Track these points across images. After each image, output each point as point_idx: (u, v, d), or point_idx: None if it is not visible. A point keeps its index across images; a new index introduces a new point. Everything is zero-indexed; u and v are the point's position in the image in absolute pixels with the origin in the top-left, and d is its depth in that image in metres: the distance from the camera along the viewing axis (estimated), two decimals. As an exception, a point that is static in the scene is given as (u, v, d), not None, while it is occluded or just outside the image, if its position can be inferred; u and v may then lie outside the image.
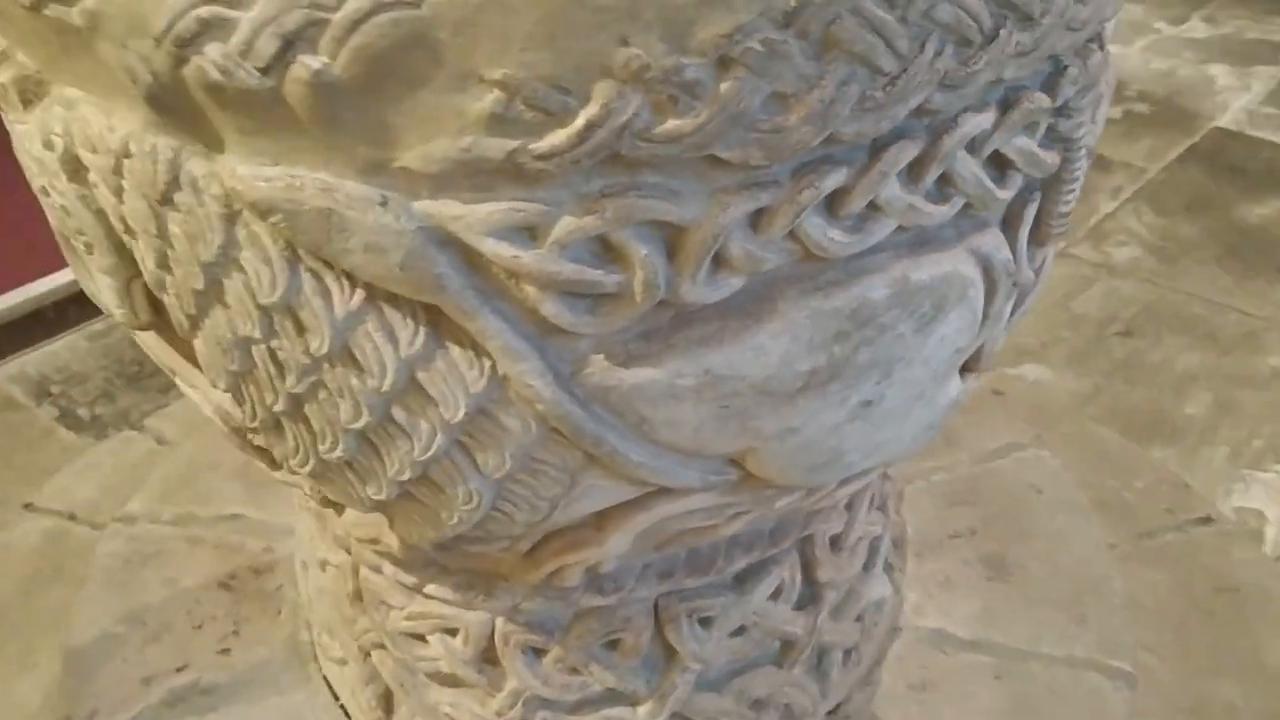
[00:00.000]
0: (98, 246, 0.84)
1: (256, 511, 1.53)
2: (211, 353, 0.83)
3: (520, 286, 0.74)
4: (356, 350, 0.77)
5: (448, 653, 1.14)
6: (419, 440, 0.81)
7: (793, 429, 0.83)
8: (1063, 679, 1.29)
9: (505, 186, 0.70)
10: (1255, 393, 2.21)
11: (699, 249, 0.73)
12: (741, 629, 1.15)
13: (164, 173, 0.75)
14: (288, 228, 0.72)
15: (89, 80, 0.77)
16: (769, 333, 0.78)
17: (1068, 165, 0.86)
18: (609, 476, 0.85)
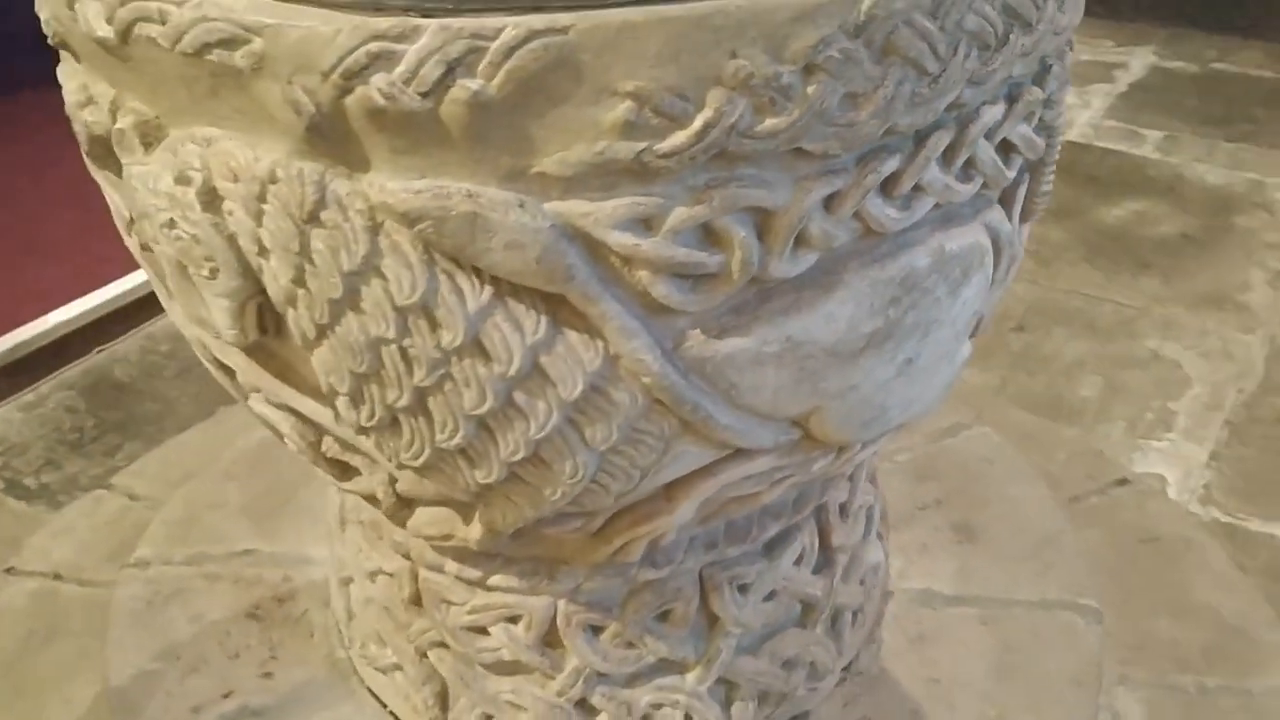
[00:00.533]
0: (224, 270, 0.92)
1: (268, 545, 1.59)
2: (336, 359, 0.92)
3: (634, 272, 0.86)
4: (486, 341, 0.88)
5: (510, 641, 1.23)
6: (535, 420, 0.92)
7: (853, 386, 0.97)
8: (1040, 619, 1.45)
9: (626, 185, 0.82)
10: (1139, 372, 2.44)
11: (786, 229, 0.86)
12: (772, 594, 1.27)
13: (311, 193, 0.84)
14: (434, 233, 0.83)
15: (231, 118, 0.86)
16: (837, 300, 0.91)
17: (1050, 150, 1.02)
18: (698, 442, 0.97)
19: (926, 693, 1.36)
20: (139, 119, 0.93)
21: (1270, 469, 2.18)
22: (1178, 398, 2.36)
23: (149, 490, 1.98)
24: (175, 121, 0.91)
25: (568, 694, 1.25)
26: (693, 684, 1.26)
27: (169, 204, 0.92)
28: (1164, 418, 2.32)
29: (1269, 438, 2.26)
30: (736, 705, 1.29)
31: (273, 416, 1.12)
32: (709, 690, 1.27)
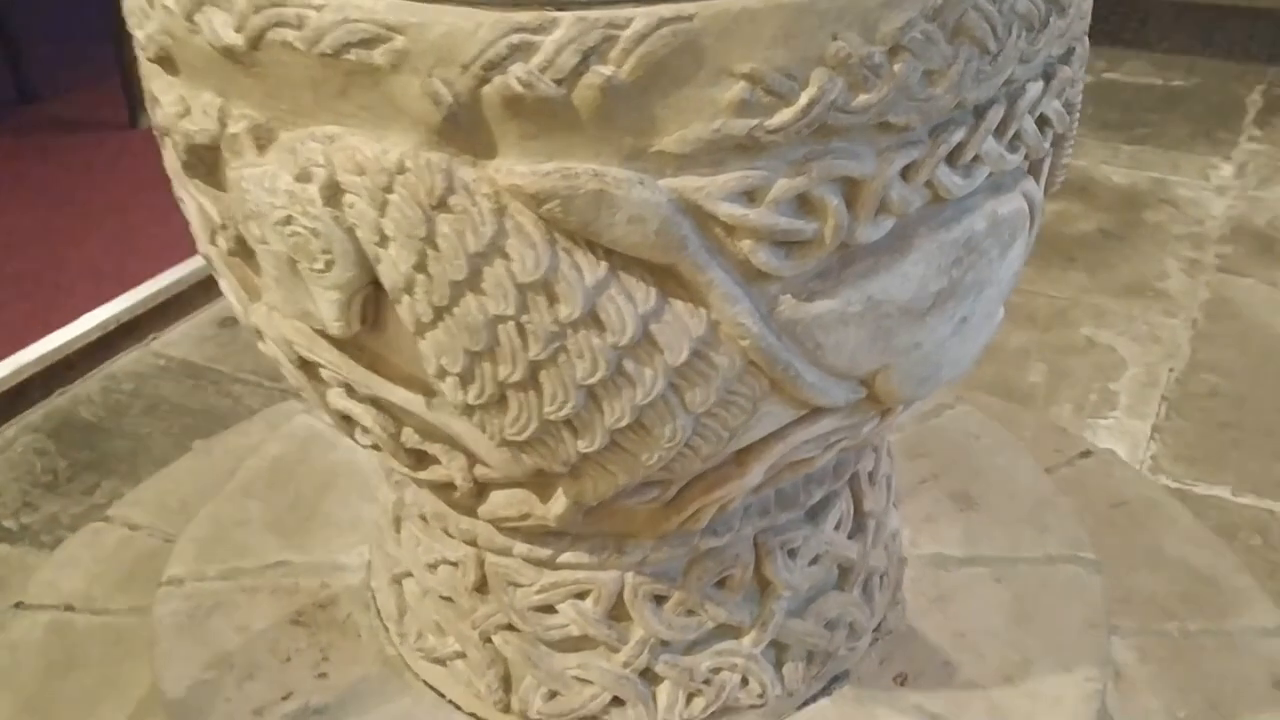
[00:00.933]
0: (340, 261, 0.98)
1: (300, 556, 1.62)
2: (451, 339, 0.98)
3: (736, 242, 0.94)
4: (601, 313, 0.95)
5: (578, 616, 1.29)
6: (642, 386, 0.99)
7: (918, 344, 1.06)
8: (1046, 573, 1.56)
9: (734, 160, 0.91)
10: (1079, 358, 2.60)
11: (871, 197, 0.95)
12: (816, 558, 1.35)
13: (440, 181, 0.91)
14: (561, 211, 0.90)
15: (356, 116, 0.92)
16: (911, 262, 1.01)
17: (1071, 125, 1.13)
18: (782, 402, 1.05)
19: (954, 645, 1.45)
20: (252, 123, 0.99)
21: (1208, 438, 2.35)
22: (1117, 379, 2.53)
23: (148, 519, 1.99)
24: (291, 124, 0.97)
25: (634, 664, 1.31)
26: (748, 647, 1.34)
27: (287, 201, 0.97)
28: (1107, 398, 2.47)
29: (1204, 410, 2.43)
30: (787, 666, 1.37)
31: (354, 410, 1.17)
32: (763, 652, 1.34)
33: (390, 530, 1.42)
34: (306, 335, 1.12)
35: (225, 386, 2.59)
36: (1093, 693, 1.40)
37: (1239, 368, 2.55)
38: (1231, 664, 1.69)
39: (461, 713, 1.41)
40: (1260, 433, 2.36)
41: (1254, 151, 3.46)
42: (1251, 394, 2.47)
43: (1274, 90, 3.82)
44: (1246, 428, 2.38)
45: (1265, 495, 2.20)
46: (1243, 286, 2.84)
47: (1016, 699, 1.39)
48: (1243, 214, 3.14)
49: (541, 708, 1.35)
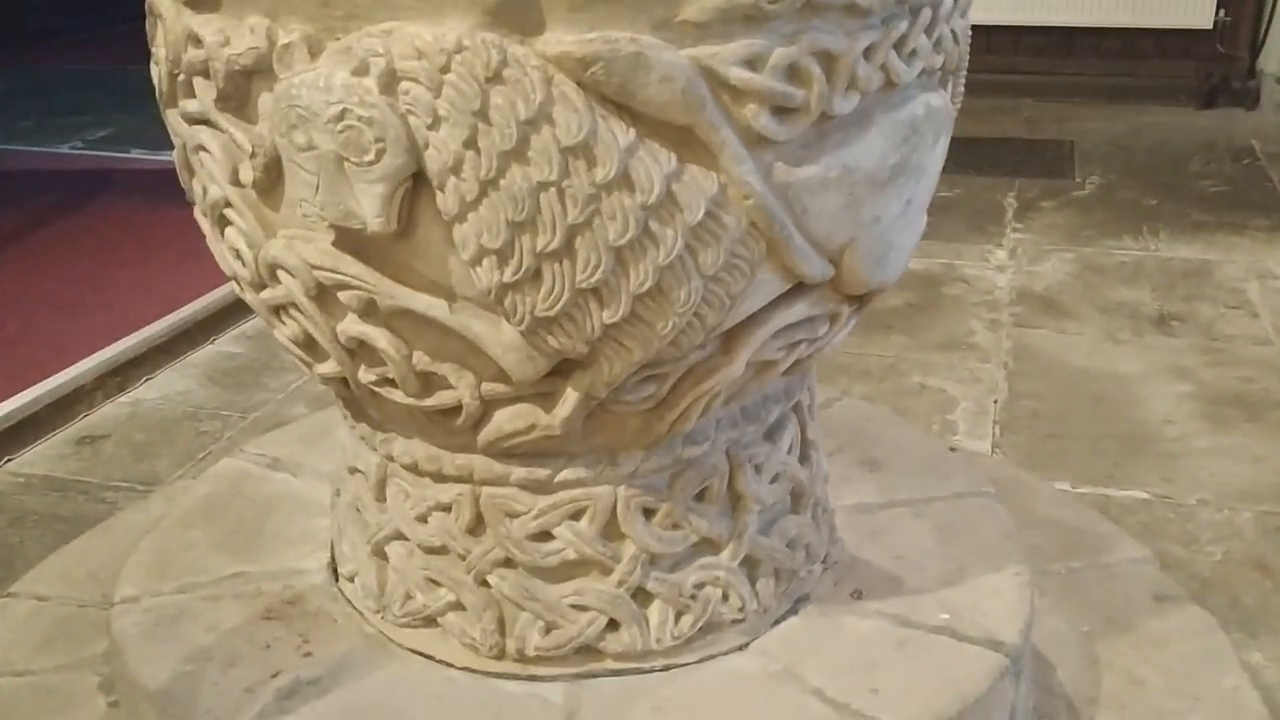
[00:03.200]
0: (392, 149, 1.09)
1: (255, 567, 1.62)
2: (495, 214, 1.10)
3: (741, 108, 1.11)
4: (633, 173, 1.09)
5: (575, 537, 1.37)
6: (664, 245, 1.13)
7: (878, 217, 1.25)
8: (958, 505, 1.73)
9: (740, 32, 1.09)
10: (915, 399, 2.86)
11: (845, 70, 1.15)
12: (776, 476, 1.49)
13: (496, 55, 1.05)
14: (604, 72, 1.05)
15: (413, 8, 1.06)
16: (873, 134, 1.20)
17: (963, 55, 1.37)
18: (774, 269, 1.21)
19: (896, 565, 1.60)
20: (304, 34, 1.10)
21: (1040, 447, 2.63)
22: (952, 412, 2.79)
23: (56, 591, 1.94)
24: (344, 29, 1.09)
25: (627, 582, 1.39)
26: (727, 560, 1.44)
27: (343, 94, 1.08)
28: (948, 426, 2.73)
29: (1031, 427, 2.72)
30: (760, 582, 1.47)
31: (370, 334, 1.25)
32: (739, 567, 1.45)
33: (372, 498, 1.47)
34: (331, 255, 1.21)
35: (96, 494, 2.52)
36: (1024, 583, 1.56)
37: (1050, 393, 2.87)
38: (1115, 587, 1.89)
39: (454, 668, 1.44)
40: (1080, 439, 2.66)
41: (1020, 239, 3.92)
42: (1065, 412, 2.78)
43: (1024, 194, 4.34)
44: (1068, 437, 2.67)
45: (1099, 485, 2.47)
46: (1038, 335, 3.20)
47: (962, 595, 1.53)
48: (1023, 284, 3.55)
49: (540, 643, 1.40)
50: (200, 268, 3.44)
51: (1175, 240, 3.90)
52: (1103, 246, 3.86)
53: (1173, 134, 5.13)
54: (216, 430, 2.81)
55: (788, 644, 1.47)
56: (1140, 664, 1.71)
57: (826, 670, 1.41)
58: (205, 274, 3.32)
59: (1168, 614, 1.82)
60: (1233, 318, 3.31)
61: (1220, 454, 2.60)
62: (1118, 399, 2.85)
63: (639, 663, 1.42)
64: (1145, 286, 3.53)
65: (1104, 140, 5.05)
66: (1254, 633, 1.99)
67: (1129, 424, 2.73)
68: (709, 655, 1.45)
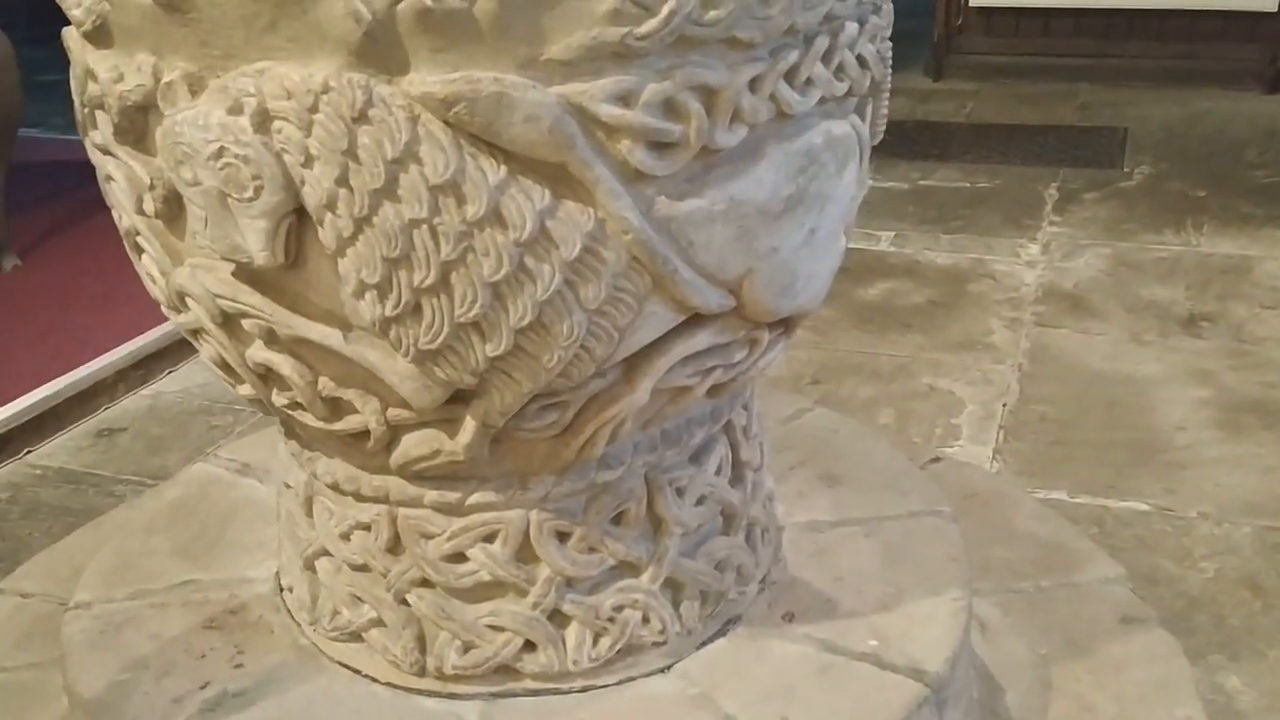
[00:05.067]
0: (269, 186, 1.10)
1: (207, 575, 1.66)
2: (370, 249, 1.11)
3: (616, 143, 1.10)
4: (504, 210, 1.09)
5: (488, 559, 1.38)
6: (541, 281, 1.13)
7: (775, 248, 1.23)
8: (910, 525, 1.70)
9: (611, 68, 1.08)
10: (922, 402, 2.82)
11: (726, 104, 1.13)
12: (702, 498, 1.48)
13: (360, 95, 1.06)
14: (467, 113, 1.05)
15: (283, 49, 1.07)
16: (763, 167, 1.18)
17: (885, 76, 1.34)
18: (663, 300, 1.20)
19: (835, 588, 1.58)
20: (185, 72, 1.12)
21: (1042, 454, 2.58)
22: (958, 415, 2.75)
23: (40, 588, 2.00)
24: (222, 68, 1.11)
25: (542, 604, 1.40)
26: (647, 583, 1.44)
27: (220, 133, 1.10)
28: (951, 430, 2.69)
29: (1036, 433, 2.66)
30: (684, 605, 1.47)
31: (274, 360, 1.27)
32: (660, 590, 1.45)
33: (302, 513, 1.49)
34: (230, 285, 1.24)
35: (108, 488, 2.60)
36: (960, 609, 1.54)
37: (1062, 398, 2.81)
38: (1082, 608, 1.86)
39: (378, 683, 1.46)
40: (1086, 447, 2.60)
41: (1055, 234, 3.83)
42: (1075, 418, 2.72)
43: (1067, 186, 4.24)
44: (1073, 444, 2.61)
45: (1098, 495, 2.41)
46: (1058, 335, 3.13)
47: (894, 621, 1.52)
48: (1051, 280, 3.47)
49: (457, 662, 1.42)
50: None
51: (1219, 235, 3.79)
52: (1141, 241, 3.76)
53: (1232, 120, 4.97)
54: (228, 425, 2.88)
55: (710, 667, 1.47)
56: (1094, 690, 1.67)
57: (743, 696, 1.41)
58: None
59: (1131, 637, 1.78)
60: (1266, 318, 3.20)
61: (1229, 464, 2.52)
62: (1131, 404, 2.79)
63: (557, 683, 1.43)
64: (1180, 284, 3.43)
65: (1159, 127, 4.91)
66: (1235, 655, 1.94)
67: (1139, 431, 2.67)
68: (629, 677, 1.45)
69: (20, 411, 2.76)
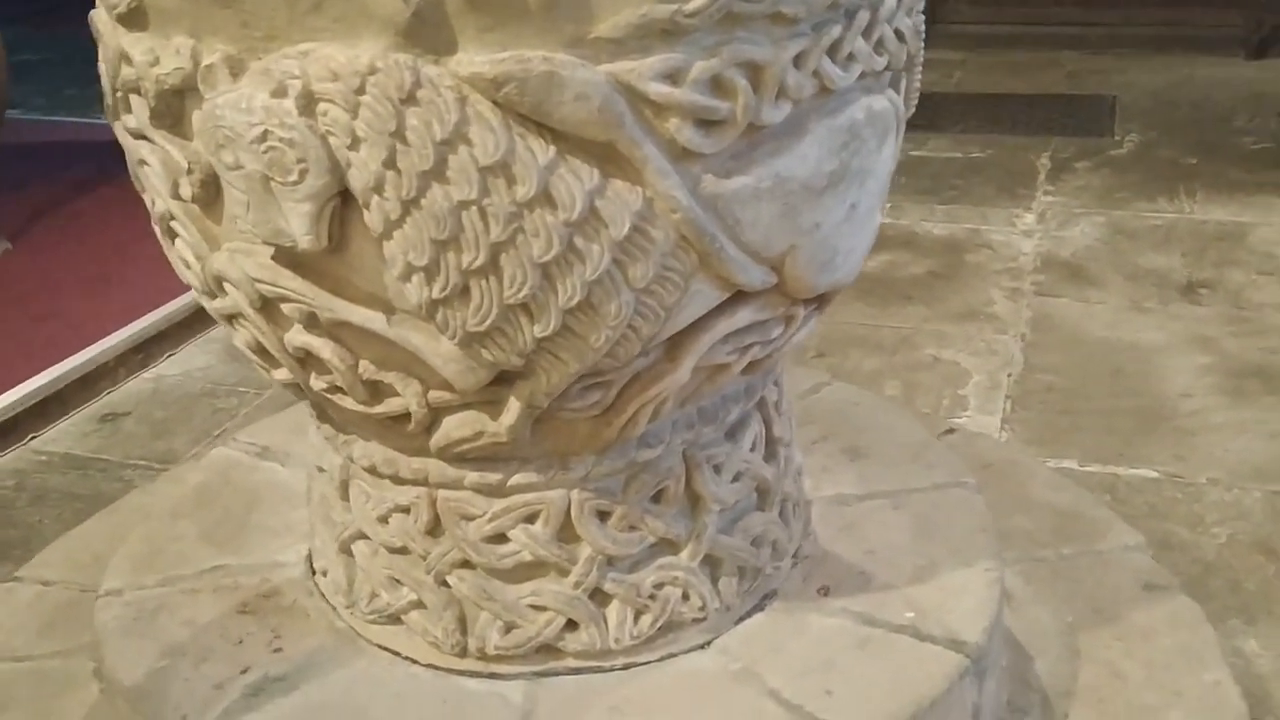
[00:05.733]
0: (314, 169, 1.09)
1: (237, 559, 1.65)
2: (418, 232, 1.10)
3: (665, 121, 1.10)
4: (554, 190, 1.09)
5: (530, 540, 1.38)
6: (591, 261, 1.12)
7: (818, 224, 1.23)
8: (936, 497, 1.71)
9: (659, 46, 1.07)
10: (928, 373, 2.83)
11: (772, 80, 1.13)
12: (738, 475, 1.48)
13: (409, 76, 1.05)
14: (517, 92, 1.05)
15: (328, 30, 1.06)
16: (807, 143, 1.18)
17: (919, 49, 1.34)
18: (708, 279, 1.20)
19: (867, 561, 1.59)
20: (226, 54, 1.11)
21: (1051, 424, 2.59)
22: (964, 386, 2.76)
23: (60, 575, 1.99)
24: (264, 49, 1.09)
25: (584, 583, 1.40)
26: (686, 560, 1.44)
27: (264, 116, 1.08)
28: (958, 401, 2.70)
29: (1043, 402, 2.68)
30: (722, 581, 1.48)
31: (314, 344, 1.27)
32: (699, 567, 1.45)
33: (337, 497, 1.49)
34: (270, 269, 1.23)
35: (115, 473, 2.59)
36: (994, 580, 1.55)
37: (1067, 367, 2.82)
38: (1105, 576, 1.87)
39: (419, 665, 1.46)
40: (1094, 414, 2.62)
41: (1050, 203, 3.84)
42: (1081, 386, 2.74)
43: (1058, 155, 4.25)
44: (1081, 412, 2.63)
45: (1109, 463, 2.43)
46: (1059, 305, 3.14)
47: (929, 593, 1.52)
48: (1049, 250, 3.49)
49: (499, 642, 1.42)
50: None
51: (1211, 201, 3.80)
52: (1135, 209, 3.77)
53: (1219, 87, 4.98)
54: (233, 407, 2.86)
55: (750, 642, 1.47)
56: (1122, 656, 1.69)
57: (785, 670, 1.42)
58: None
59: (1155, 604, 1.80)
60: (1263, 284, 3.23)
61: (1236, 429, 2.55)
62: (1136, 371, 2.80)
63: (599, 661, 1.44)
64: (1176, 251, 3.45)
65: (1147, 94, 4.93)
66: (1252, 619, 1.96)
67: (1145, 398, 2.69)
68: (670, 654, 1.46)
69: (23, 397, 2.73)
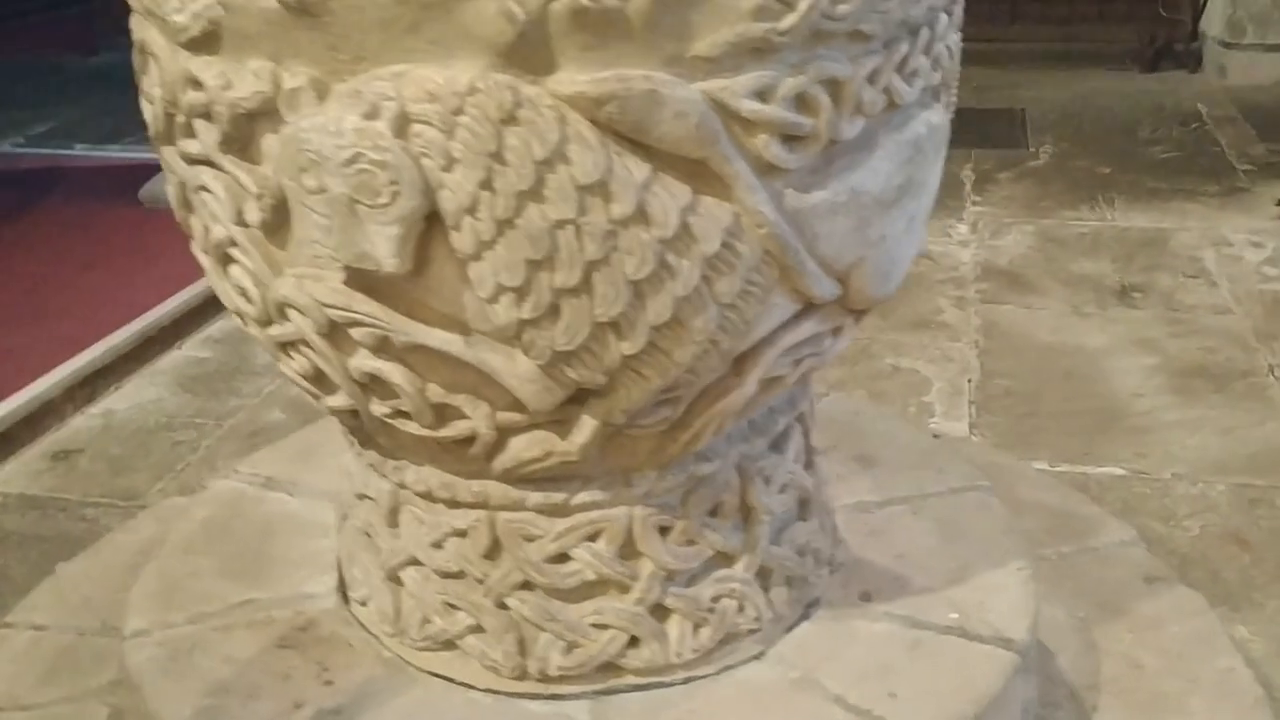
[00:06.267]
0: (406, 191, 1.08)
1: (264, 593, 1.61)
2: (511, 253, 1.10)
3: (752, 138, 1.12)
4: (649, 208, 1.10)
5: (593, 558, 1.38)
6: (681, 277, 1.13)
7: (884, 236, 1.26)
8: (955, 501, 1.76)
9: (749, 64, 1.09)
10: (889, 381, 2.90)
11: (850, 96, 1.16)
12: (784, 486, 1.50)
13: (509, 97, 1.05)
14: (618, 111, 1.06)
15: (422, 51, 1.06)
16: (878, 157, 1.21)
17: (955, 65, 1.39)
18: (785, 292, 1.22)
19: (900, 565, 1.62)
20: (310, 77, 1.09)
21: (1016, 426, 2.68)
22: (928, 393, 2.83)
23: (53, 619, 1.93)
24: (350, 72, 1.08)
25: (645, 599, 1.41)
26: (741, 572, 1.46)
27: (355, 139, 1.07)
28: (924, 408, 2.77)
29: (1005, 406, 2.77)
30: (773, 591, 1.49)
31: (383, 369, 1.25)
32: (754, 578, 1.47)
33: (384, 524, 1.47)
34: (343, 294, 1.21)
35: (76, 511, 2.49)
36: (1028, 578, 1.59)
37: (1021, 371, 2.91)
38: (1106, 571, 1.94)
39: (476, 690, 1.45)
40: (1054, 417, 2.71)
41: (980, 213, 3.96)
42: (1037, 390, 2.83)
43: (980, 166, 4.39)
44: (1042, 415, 2.72)
45: (1076, 463, 2.52)
46: (1004, 312, 3.24)
47: (968, 593, 1.56)
48: (987, 258, 3.59)
49: (561, 662, 1.42)
50: (159, 269, 3.41)
51: (1130, 209, 3.96)
52: (1061, 218, 3.91)
53: (1120, 99, 5.20)
54: (193, 440, 2.79)
55: (803, 650, 1.49)
56: (1137, 647, 1.75)
57: (844, 676, 1.44)
58: (165, 275, 3.30)
59: (1159, 595, 1.87)
60: (1192, 287, 3.37)
61: (1190, 426, 2.66)
62: (1086, 374, 2.90)
63: (660, 677, 1.44)
64: (1105, 257, 3.59)
65: (1053, 108, 5.11)
66: (1236, 607, 2.05)
67: (1100, 399, 2.78)
68: (727, 666, 1.47)
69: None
